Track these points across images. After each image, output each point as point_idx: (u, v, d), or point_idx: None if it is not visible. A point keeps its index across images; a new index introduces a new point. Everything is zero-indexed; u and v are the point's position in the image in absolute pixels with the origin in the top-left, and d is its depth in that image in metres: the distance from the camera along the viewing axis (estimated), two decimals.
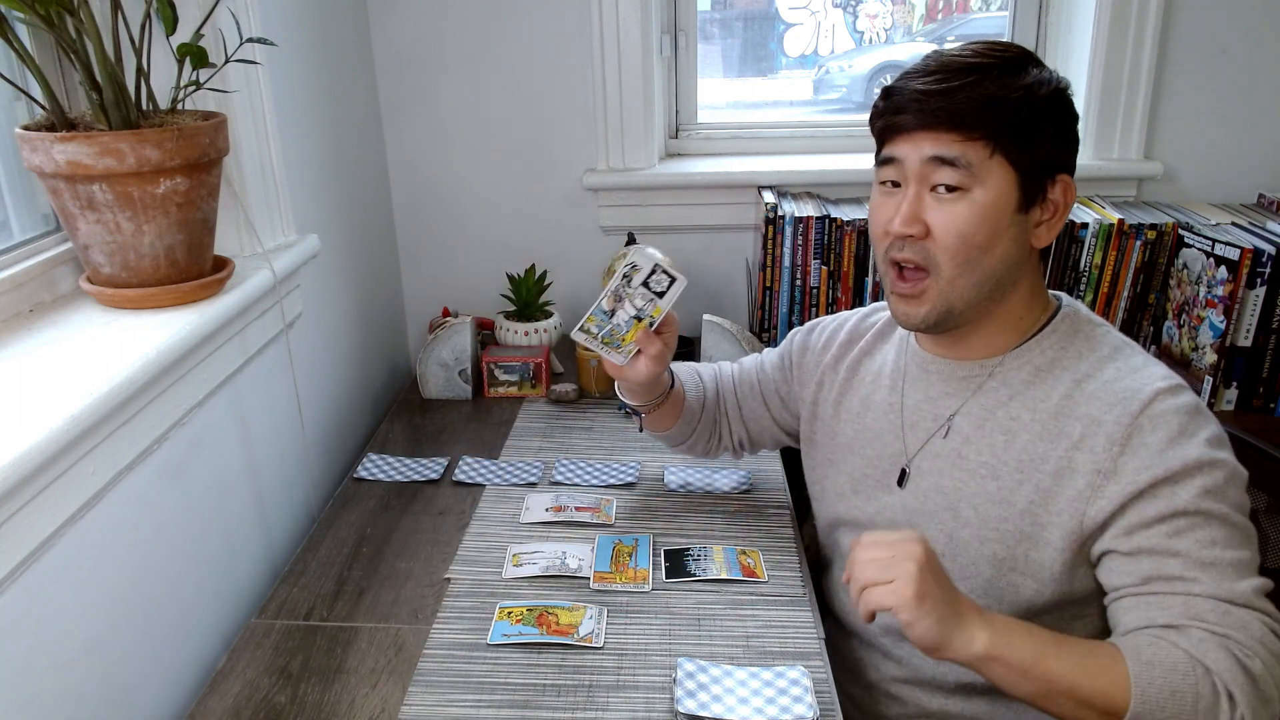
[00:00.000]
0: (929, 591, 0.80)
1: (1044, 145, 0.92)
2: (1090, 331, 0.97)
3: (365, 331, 1.74)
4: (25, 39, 1.01)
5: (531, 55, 1.80)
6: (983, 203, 0.90)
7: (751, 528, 1.26)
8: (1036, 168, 0.92)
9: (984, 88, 0.90)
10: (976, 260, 0.92)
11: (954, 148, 0.90)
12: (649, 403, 1.20)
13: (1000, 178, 0.91)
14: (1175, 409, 0.88)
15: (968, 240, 0.91)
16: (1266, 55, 1.73)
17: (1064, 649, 0.82)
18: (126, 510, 0.96)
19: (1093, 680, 0.80)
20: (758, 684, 0.97)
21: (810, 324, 1.23)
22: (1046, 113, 0.91)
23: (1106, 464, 0.89)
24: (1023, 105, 0.90)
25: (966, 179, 0.90)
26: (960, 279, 0.93)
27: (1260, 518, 1.25)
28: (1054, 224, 0.95)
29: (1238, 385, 1.55)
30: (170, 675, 1.04)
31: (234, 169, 1.21)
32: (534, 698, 0.96)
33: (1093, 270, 1.65)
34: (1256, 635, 0.81)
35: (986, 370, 0.99)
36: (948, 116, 0.90)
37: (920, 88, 0.91)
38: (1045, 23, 1.88)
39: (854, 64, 2.29)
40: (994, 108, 0.89)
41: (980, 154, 0.90)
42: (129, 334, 0.98)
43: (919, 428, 1.04)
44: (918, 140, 0.92)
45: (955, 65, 0.92)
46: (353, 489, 1.39)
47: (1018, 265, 0.95)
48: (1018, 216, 0.92)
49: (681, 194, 1.88)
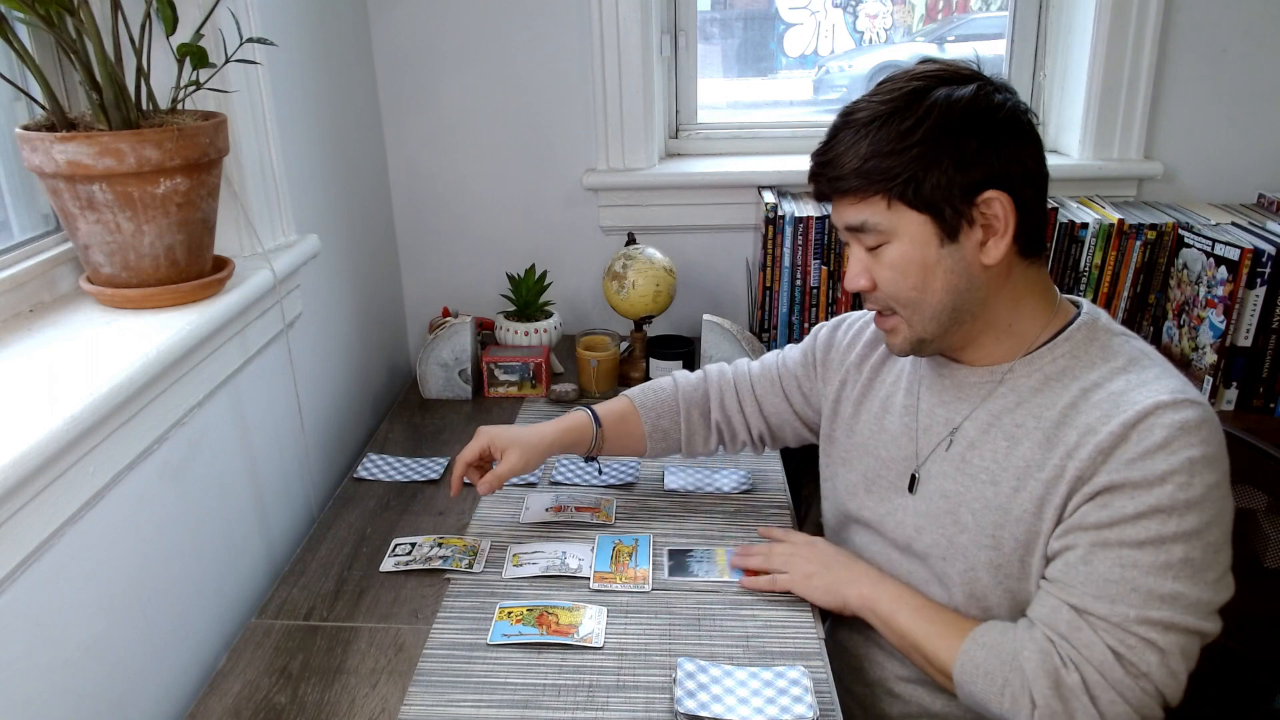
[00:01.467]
0: (813, 569, 1.10)
1: (943, 174, 0.90)
2: (1108, 341, 0.95)
3: (365, 331, 1.74)
4: (25, 39, 1.01)
5: (531, 55, 1.80)
6: (901, 251, 0.94)
7: (751, 528, 1.26)
8: (944, 199, 0.91)
9: (861, 145, 0.92)
10: (919, 299, 0.96)
11: (854, 213, 0.95)
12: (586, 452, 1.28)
13: (909, 222, 0.93)
14: (1168, 423, 0.85)
15: (903, 285, 0.95)
16: (1266, 55, 1.73)
17: (922, 614, 0.99)
18: (126, 510, 0.96)
19: (932, 644, 0.96)
20: (758, 684, 0.97)
21: (836, 320, 1.23)
22: (936, 143, 0.89)
23: (1088, 471, 0.88)
24: (902, 150, 0.90)
25: (879, 235, 0.94)
26: (915, 316, 0.97)
27: (1260, 518, 1.25)
28: (1000, 240, 0.92)
29: (1238, 385, 1.55)
30: (170, 675, 1.04)
31: (234, 169, 1.21)
32: (534, 698, 0.96)
33: (1093, 270, 1.65)
34: (1094, 656, 0.85)
35: (997, 377, 0.99)
36: (836, 185, 0.95)
37: (815, 159, 0.99)
38: (1045, 23, 1.88)
39: (854, 64, 2.29)
40: (874, 162, 0.91)
41: (878, 210, 0.93)
42: (129, 334, 0.98)
43: (931, 432, 1.04)
44: (835, 209, 0.99)
45: (846, 123, 0.95)
46: (353, 489, 1.39)
47: (975, 288, 0.94)
48: (946, 249, 0.93)
49: (681, 194, 1.88)
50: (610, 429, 1.27)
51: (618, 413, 1.28)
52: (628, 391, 1.31)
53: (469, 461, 1.21)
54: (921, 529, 1.03)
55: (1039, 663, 0.87)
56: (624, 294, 1.67)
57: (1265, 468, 1.13)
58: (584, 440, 1.26)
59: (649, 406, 1.28)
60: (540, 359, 1.66)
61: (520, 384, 1.68)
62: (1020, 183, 0.92)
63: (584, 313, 1.98)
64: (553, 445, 1.24)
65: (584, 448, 1.27)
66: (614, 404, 1.30)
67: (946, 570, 1.00)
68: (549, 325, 1.77)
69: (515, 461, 1.19)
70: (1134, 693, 0.84)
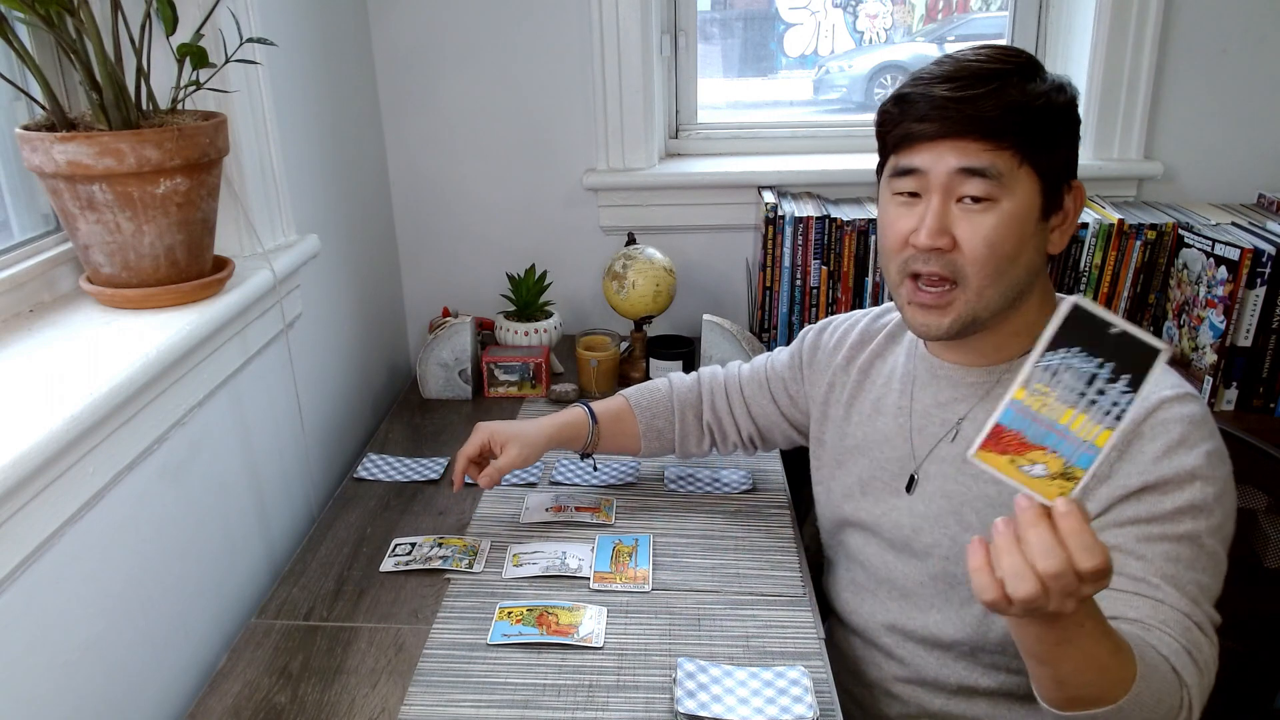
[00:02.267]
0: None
1: (1063, 152, 0.91)
2: None
3: (365, 331, 1.74)
4: (25, 39, 1.01)
5: (531, 55, 1.80)
6: (1011, 213, 0.89)
7: (751, 528, 1.26)
8: (1057, 175, 0.91)
9: (1009, 94, 0.87)
10: (1004, 271, 0.90)
11: (983, 158, 0.88)
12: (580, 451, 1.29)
13: (1027, 187, 0.89)
14: (1178, 418, 0.86)
15: (997, 251, 0.89)
16: (1266, 55, 1.73)
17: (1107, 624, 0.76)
18: (126, 510, 0.96)
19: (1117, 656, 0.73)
20: (758, 684, 0.97)
21: (822, 323, 1.23)
22: (1064, 119, 0.91)
23: (1103, 469, 0.88)
24: (1045, 112, 0.89)
25: (996, 190, 0.88)
26: (989, 289, 0.91)
27: (1260, 518, 1.25)
28: (1066, 230, 0.94)
29: (1238, 385, 1.55)
30: (170, 675, 1.04)
31: (234, 169, 1.21)
32: (534, 698, 0.96)
33: (1093, 270, 1.65)
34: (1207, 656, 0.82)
35: (994, 376, 0.99)
36: (977, 125, 0.87)
37: (945, 94, 0.88)
38: (1045, 23, 1.88)
39: (854, 64, 2.29)
40: (1021, 115, 0.87)
41: (1009, 164, 0.88)
42: (129, 334, 0.98)
43: (927, 432, 1.04)
44: (941, 150, 0.89)
45: (975, 70, 0.89)
46: (353, 489, 1.39)
47: (1037, 273, 0.95)
48: (1040, 224, 0.92)
49: (681, 194, 1.88)
50: (606, 427, 1.28)
51: (614, 411, 1.29)
52: (624, 391, 1.32)
53: (470, 457, 1.22)
54: (920, 529, 1.02)
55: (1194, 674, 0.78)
56: (624, 294, 1.67)
57: (1265, 468, 1.13)
58: (580, 436, 1.27)
59: (644, 406, 1.29)
60: (540, 359, 1.66)
61: (520, 384, 1.68)
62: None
63: (584, 313, 1.98)
64: (551, 439, 1.25)
65: (580, 444, 1.28)
66: (610, 402, 1.31)
67: (952, 570, 1.00)
68: (549, 325, 1.77)
69: (514, 455, 1.20)
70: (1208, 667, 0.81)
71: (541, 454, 1.25)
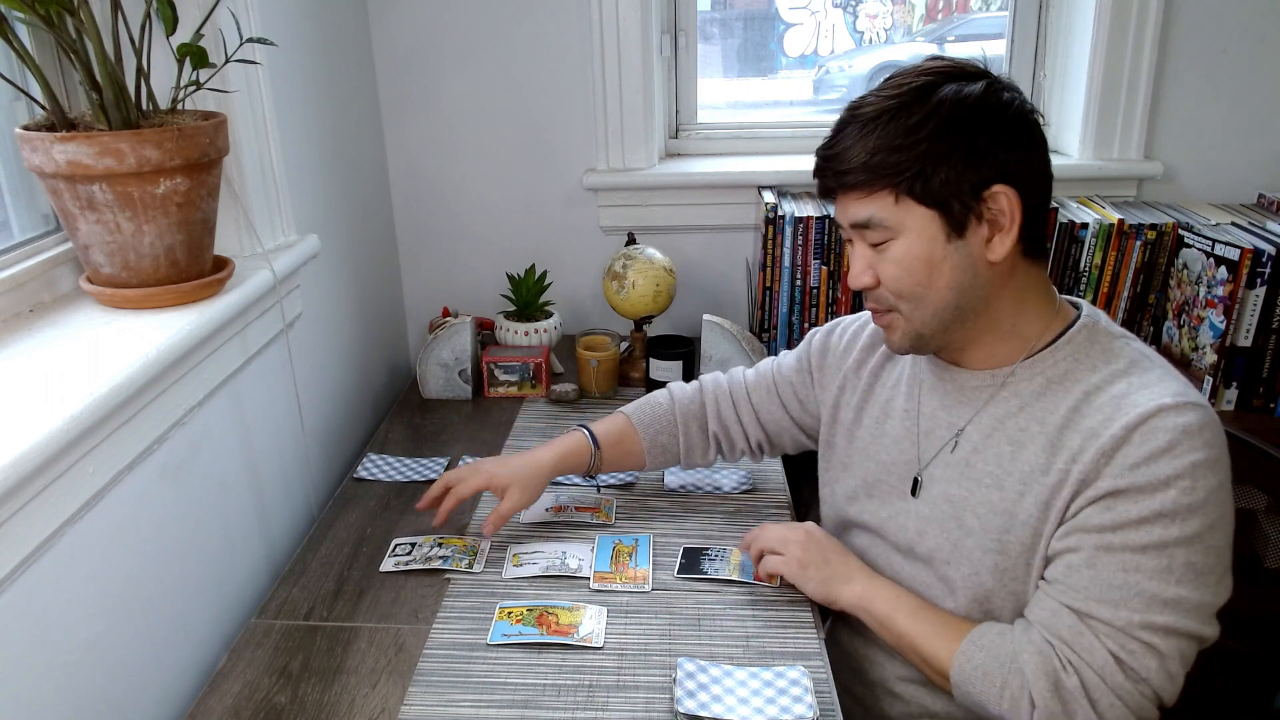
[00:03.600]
0: (810, 559, 1.08)
1: (952, 169, 0.89)
2: (1108, 344, 0.95)
3: (365, 331, 1.74)
4: (25, 39, 1.01)
5: (531, 55, 1.80)
6: (907, 248, 0.93)
7: (752, 528, 1.26)
8: (953, 194, 0.90)
9: (869, 140, 0.91)
10: (925, 295, 0.95)
11: (861, 209, 0.94)
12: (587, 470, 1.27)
13: (916, 218, 0.92)
14: (1171, 426, 0.85)
15: (909, 278, 0.94)
16: (1266, 55, 1.73)
17: (919, 615, 0.99)
18: (126, 510, 0.96)
19: (930, 644, 0.96)
20: (758, 684, 0.97)
21: (830, 324, 1.23)
22: (945, 138, 0.89)
23: (1091, 474, 0.88)
24: (910, 145, 0.89)
25: (885, 232, 0.93)
26: (917, 313, 0.96)
27: (1260, 518, 1.25)
28: (1006, 235, 0.92)
29: (1238, 385, 1.55)
30: (170, 675, 1.04)
31: (234, 169, 1.21)
32: (534, 698, 0.96)
33: (1093, 270, 1.65)
34: (1094, 660, 0.85)
35: (998, 380, 0.99)
36: (843, 180, 0.94)
37: (821, 155, 0.98)
38: (1045, 23, 1.88)
39: (854, 64, 2.28)
40: (882, 156, 0.90)
41: (885, 205, 0.92)
42: (129, 334, 0.98)
43: (933, 435, 1.04)
44: (839, 205, 0.98)
45: (853, 117, 0.94)
46: (353, 489, 1.39)
47: (979, 285, 0.94)
48: (953, 244, 0.92)
49: (681, 194, 1.88)
50: (608, 450, 1.26)
51: (615, 432, 1.27)
52: (624, 409, 1.30)
53: (463, 499, 1.20)
54: (924, 532, 1.03)
55: (1039, 664, 0.87)
56: (624, 294, 1.67)
57: (1265, 468, 1.13)
58: (582, 464, 1.25)
59: (646, 424, 1.27)
60: (540, 359, 1.66)
61: (520, 384, 1.68)
62: (1026, 180, 0.92)
63: (584, 313, 1.98)
64: (552, 471, 1.23)
65: (583, 470, 1.26)
66: (611, 423, 1.28)
67: (950, 574, 1.00)
68: (549, 325, 1.77)
69: (516, 499, 1.18)
70: (1133, 696, 0.85)
71: (543, 489, 1.23)
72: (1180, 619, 0.84)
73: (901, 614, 1.00)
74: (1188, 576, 0.84)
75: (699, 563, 1.17)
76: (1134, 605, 0.85)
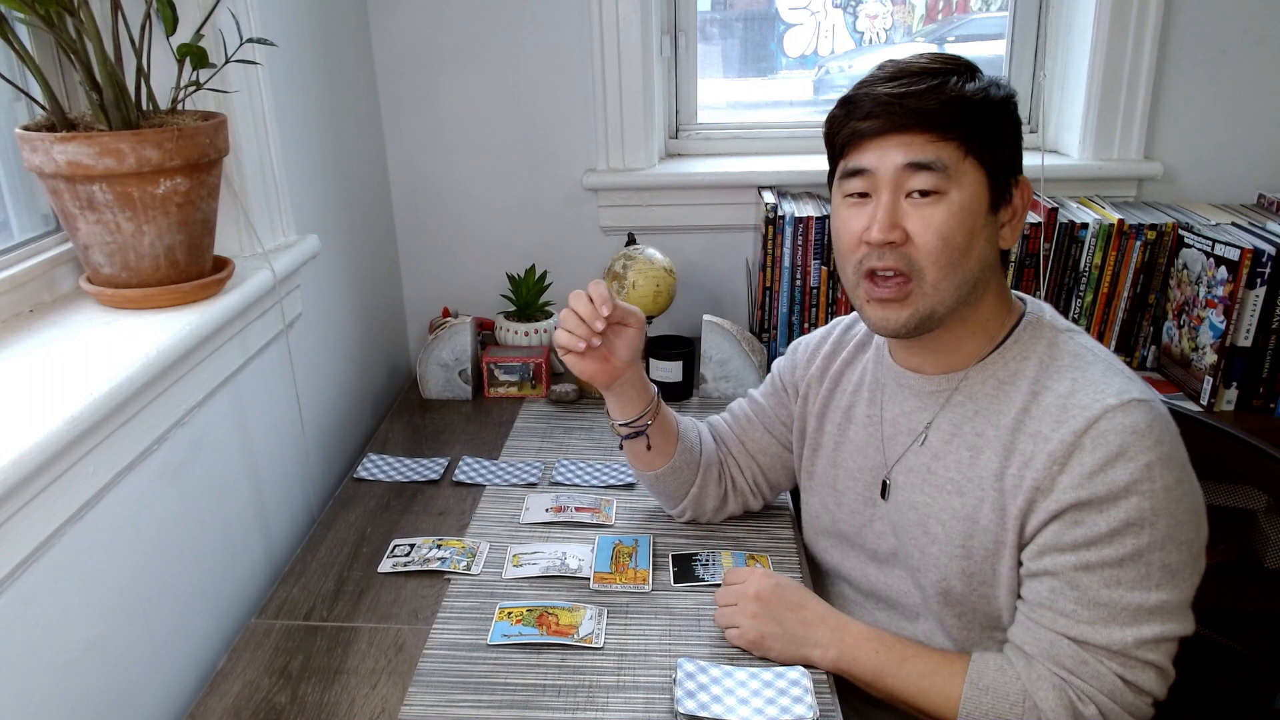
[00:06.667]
0: (766, 629, 1.00)
1: (1006, 147, 0.93)
2: (1053, 338, 0.95)
3: (365, 331, 1.74)
4: (25, 39, 1.01)
5: (531, 55, 1.80)
6: (960, 204, 0.90)
7: (751, 529, 1.26)
8: (1001, 168, 0.92)
9: (950, 90, 0.90)
10: (958, 263, 0.91)
11: (928, 151, 0.89)
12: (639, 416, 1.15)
13: (973, 178, 0.91)
14: (1119, 428, 0.85)
15: (949, 243, 0.90)
16: (1266, 55, 1.73)
17: (907, 666, 0.95)
18: (126, 510, 0.96)
19: (927, 698, 0.93)
20: (758, 684, 0.97)
21: (790, 346, 1.22)
22: (1004, 114, 0.93)
23: (1045, 481, 0.88)
24: (986, 106, 0.91)
25: (943, 182, 0.89)
26: (944, 282, 0.91)
27: (1260, 518, 1.25)
28: (1016, 225, 0.95)
29: (1238, 385, 1.55)
30: (170, 675, 1.04)
31: (234, 169, 1.21)
32: (534, 698, 0.96)
33: (1093, 270, 1.65)
34: (1105, 686, 0.86)
35: (952, 384, 0.99)
36: (920, 118, 0.89)
37: (887, 91, 0.90)
38: (1045, 23, 1.88)
39: (854, 64, 2.28)
40: (963, 108, 0.89)
41: (954, 155, 0.90)
42: (129, 334, 0.98)
43: (896, 441, 1.04)
44: (887, 147, 0.90)
45: (916, 70, 0.91)
46: (353, 489, 1.39)
47: (989, 269, 0.95)
48: (990, 217, 0.93)
49: (681, 194, 1.88)
50: (663, 414, 1.17)
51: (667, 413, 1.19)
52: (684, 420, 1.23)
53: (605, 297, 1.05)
54: (894, 539, 1.03)
55: (1055, 700, 0.87)
56: (624, 294, 1.67)
57: (1265, 468, 1.13)
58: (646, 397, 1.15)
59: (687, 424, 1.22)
60: (540, 359, 1.66)
61: (520, 384, 1.68)
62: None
63: None
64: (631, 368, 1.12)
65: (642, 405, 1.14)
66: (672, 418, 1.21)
67: (921, 580, 1.00)
68: (549, 325, 1.77)
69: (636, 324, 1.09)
70: (1140, 710, 0.87)
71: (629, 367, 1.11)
72: (1164, 624, 0.85)
73: (888, 671, 0.96)
74: (1165, 579, 0.85)
75: (692, 569, 1.17)
76: (1123, 620, 0.85)
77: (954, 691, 0.92)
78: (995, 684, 0.90)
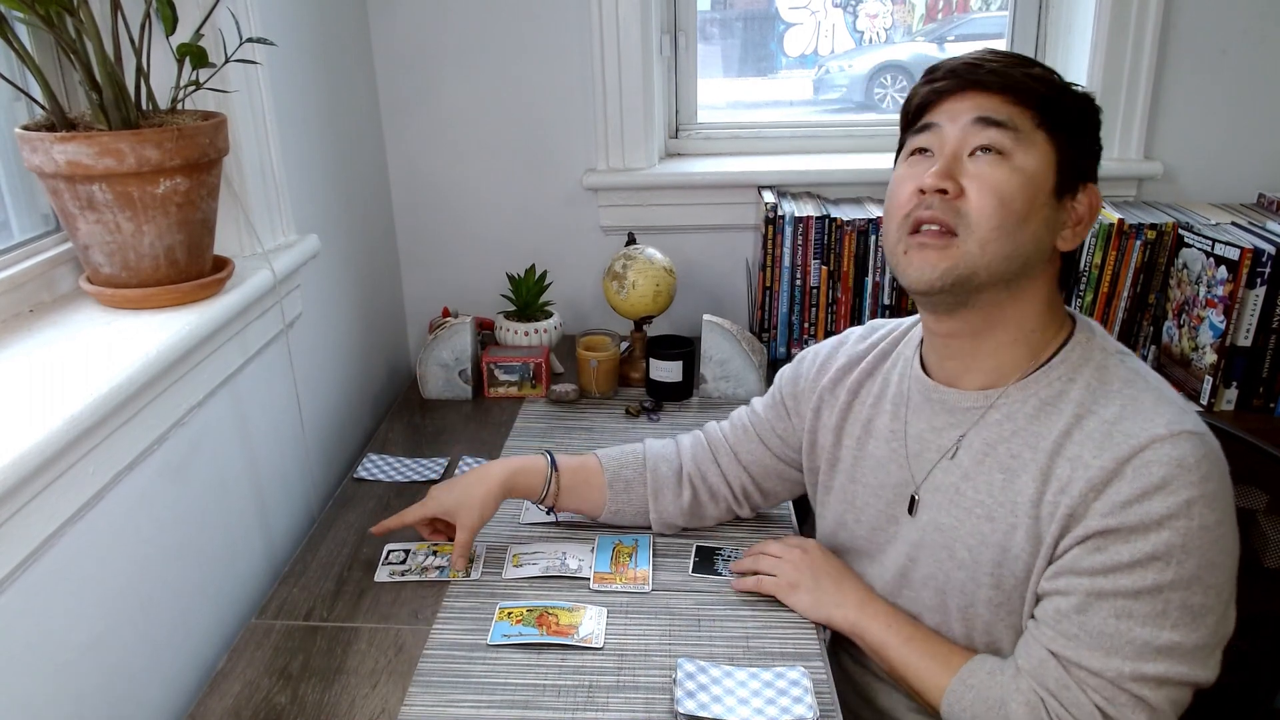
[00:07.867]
0: (802, 581, 1.08)
1: (1083, 140, 0.91)
2: (1103, 361, 0.90)
3: (365, 331, 1.74)
4: (25, 39, 1.01)
5: (531, 55, 1.80)
6: (1023, 170, 0.86)
7: (752, 529, 1.26)
8: (1074, 158, 0.90)
9: (1034, 69, 0.90)
10: (1011, 228, 0.86)
11: (1001, 110, 0.87)
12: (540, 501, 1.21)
13: (1043, 151, 0.88)
14: (1165, 460, 0.81)
15: (1005, 204, 0.86)
16: (1266, 55, 1.73)
17: (911, 645, 0.98)
18: (126, 510, 0.96)
19: (921, 679, 0.96)
20: (758, 684, 0.97)
21: (797, 358, 1.19)
22: (1086, 112, 0.91)
23: (1080, 508, 0.84)
24: (1072, 95, 0.90)
25: (1010, 143, 0.87)
26: (992, 245, 0.86)
27: (1260, 518, 1.25)
28: (1080, 230, 0.92)
29: (1238, 385, 1.55)
30: (170, 675, 1.04)
31: (234, 169, 1.21)
32: (534, 698, 0.96)
33: (1093, 270, 1.65)
34: (1081, 714, 0.83)
35: (989, 401, 0.94)
36: (999, 79, 0.88)
37: (972, 59, 0.91)
38: (1045, 23, 1.88)
39: (854, 64, 2.29)
40: (1045, 85, 0.89)
41: (1028, 121, 0.88)
42: (129, 334, 0.98)
43: (923, 458, 0.99)
44: (961, 104, 0.89)
45: (1006, 51, 0.92)
46: (353, 489, 1.39)
47: (1045, 257, 0.91)
48: (1052, 201, 0.89)
49: (681, 194, 1.88)
50: (567, 476, 1.20)
51: (577, 462, 1.21)
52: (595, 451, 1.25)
53: (410, 524, 1.18)
54: (916, 559, 0.99)
55: (1027, 716, 0.86)
56: (624, 294, 1.67)
57: (1265, 468, 1.13)
58: (536, 485, 1.19)
59: (612, 457, 1.22)
60: (540, 359, 1.66)
61: (520, 384, 1.68)
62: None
63: (584, 313, 1.98)
64: (502, 487, 1.16)
65: (536, 493, 1.19)
66: (576, 457, 1.23)
67: (946, 602, 0.97)
68: (549, 325, 1.77)
69: (470, 522, 1.13)
70: None
71: (498, 505, 1.16)
72: (1173, 666, 0.81)
73: (893, 644, 0.99)
74: (1184, 620, 0.81)
75: (713, 562, 1.17)
76: (1125, 653, 0.82)
77: (944, 682, 0.94)
78: (981, 685, 0.91)
